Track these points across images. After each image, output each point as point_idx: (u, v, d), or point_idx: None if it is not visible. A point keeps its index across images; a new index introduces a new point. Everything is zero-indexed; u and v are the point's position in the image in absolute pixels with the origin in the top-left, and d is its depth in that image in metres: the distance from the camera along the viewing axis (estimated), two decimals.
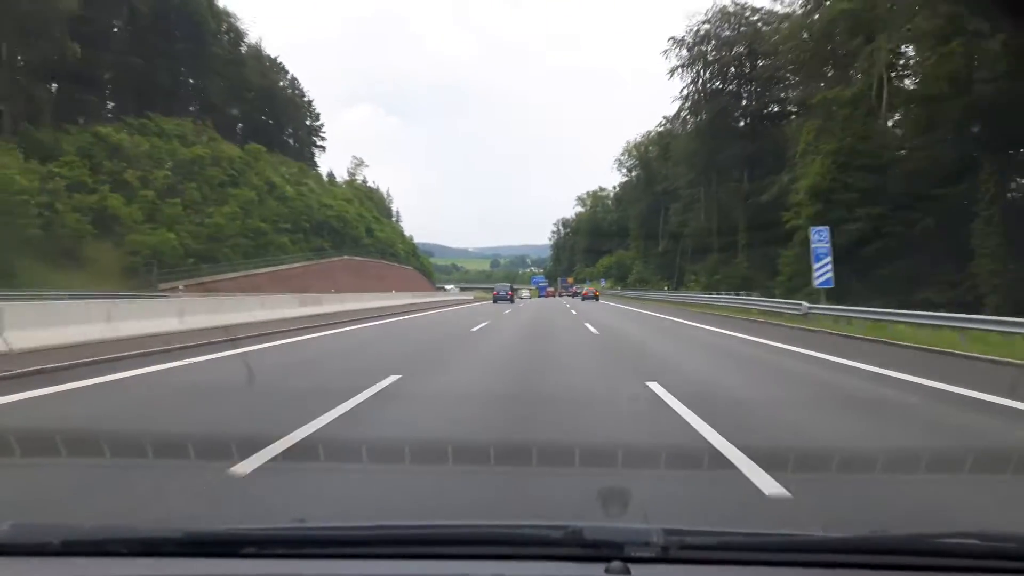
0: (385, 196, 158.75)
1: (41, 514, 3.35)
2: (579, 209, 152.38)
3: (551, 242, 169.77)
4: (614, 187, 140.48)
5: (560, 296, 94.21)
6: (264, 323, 18.18)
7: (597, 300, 58.74)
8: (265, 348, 12.82)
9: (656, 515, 2.03)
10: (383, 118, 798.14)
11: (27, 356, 9.53)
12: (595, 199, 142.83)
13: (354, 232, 69.75)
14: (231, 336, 12.92)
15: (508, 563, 1.58)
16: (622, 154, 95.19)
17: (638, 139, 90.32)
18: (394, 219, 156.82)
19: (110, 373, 8.52)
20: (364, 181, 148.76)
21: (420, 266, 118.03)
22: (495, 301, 50.05)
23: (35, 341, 10.41)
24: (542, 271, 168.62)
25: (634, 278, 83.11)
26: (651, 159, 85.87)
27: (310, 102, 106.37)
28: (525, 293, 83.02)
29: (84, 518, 3.08)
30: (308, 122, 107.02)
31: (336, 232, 64.94)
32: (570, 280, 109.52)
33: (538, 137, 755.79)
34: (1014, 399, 6.95)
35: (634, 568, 1.49)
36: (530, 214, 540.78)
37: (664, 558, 1.54)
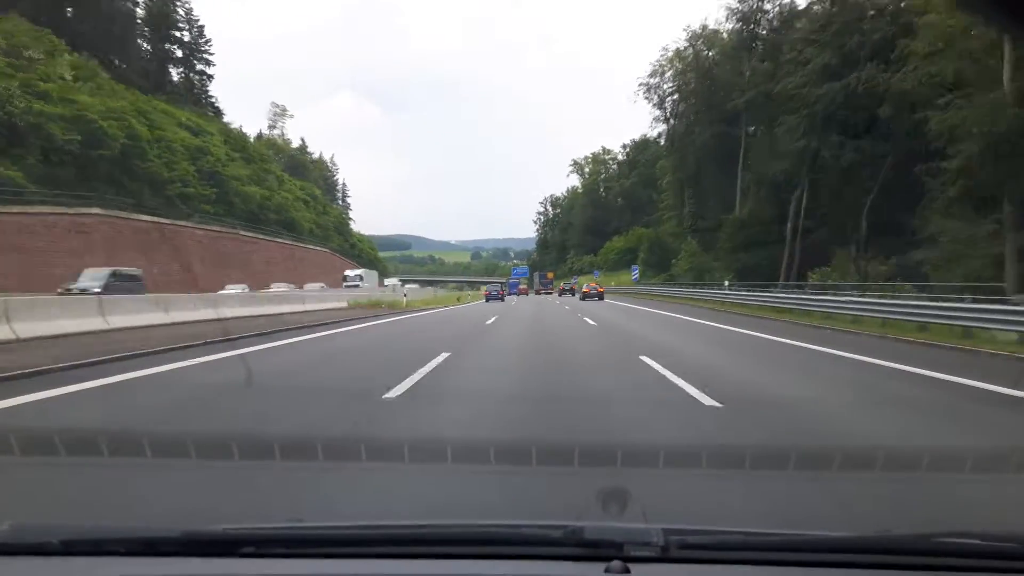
0: (328, 163, 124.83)
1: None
2: (574, 182, 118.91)
3: (536, 227, 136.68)
4: (623, 146, 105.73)
5: (539, 294, 73.12)
6: None
7: (602, 299, 42.07)
8: None
9: (656, 515, 1.98)
10: (364, 106, 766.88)
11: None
12: (597, 164, 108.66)
13: (152, 170, 34.74)
14: None
15: (508, 563, 1.57)
16: (651, 74, 59.92)
17: (683, 44, 55.39)
18: (339, 193, 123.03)
19: None
20: (309, 153, 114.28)
21: (350, 249, 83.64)
22: (487, 300, 46.50)
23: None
24: (526, 262, 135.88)
25: (685, 267, 48.77)
26: (715, 62, 51.31)
27: (189, 10, 73.37)
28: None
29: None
30: (187, 37, 74.41)
31: (85, 161, 29.73)
32: (550, 275, 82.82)
33: (525, 132, 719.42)
34: None
35: (634, 568, 1.48)
36: (514, 208, 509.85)
37: (664, 558, 1.53)
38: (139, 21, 66.33)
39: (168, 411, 6.11)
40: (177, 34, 74.09)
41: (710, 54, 51.87)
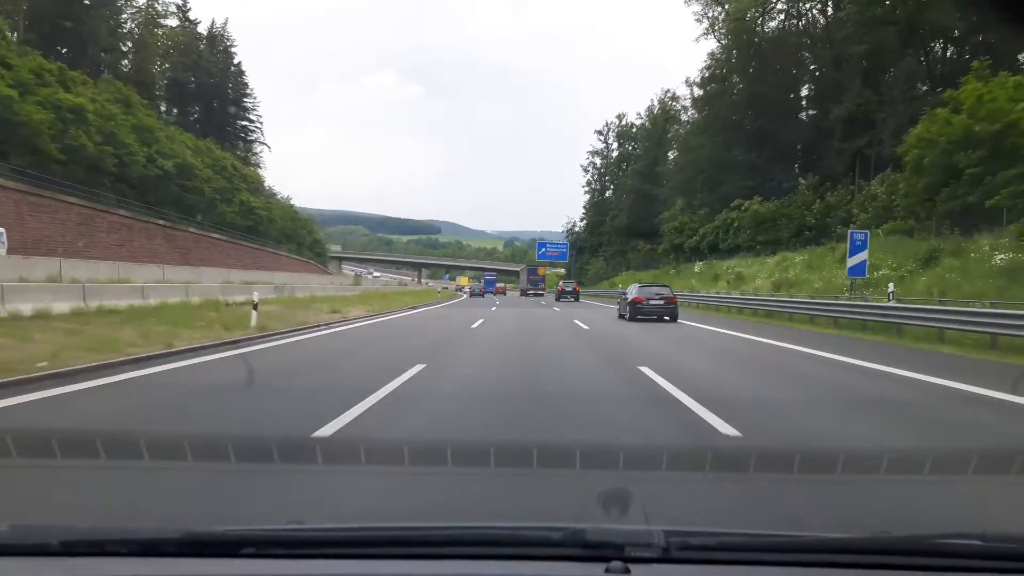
0: (222, 35, 70.13)
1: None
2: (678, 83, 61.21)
3: (586, 179, 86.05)
4: None
5: (526, 295, 58.14)
6: None
7: (674, 319, 21.99)
8: None
9: (657, 516, 1.91)
10: (408, 88, 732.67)
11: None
12: (743, 27, 48.12)
13: None
14: None
15: (509, 563, 1.56)
16: None
17: None
18: (229, 89, 67.92)
19: None
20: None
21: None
22: (470, 296, 42.04)
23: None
24: (565, 237, 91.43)
25: None
26: None
27: None
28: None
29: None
30: None
31: None
32: (541, 271, 65.40)
33: (574, 127, 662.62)
34: None
35: (634, 568, 1.47)
36: (560, 203, 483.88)
37: (665, 559, 1.52)
38: None
39: None
40: None
41: None
